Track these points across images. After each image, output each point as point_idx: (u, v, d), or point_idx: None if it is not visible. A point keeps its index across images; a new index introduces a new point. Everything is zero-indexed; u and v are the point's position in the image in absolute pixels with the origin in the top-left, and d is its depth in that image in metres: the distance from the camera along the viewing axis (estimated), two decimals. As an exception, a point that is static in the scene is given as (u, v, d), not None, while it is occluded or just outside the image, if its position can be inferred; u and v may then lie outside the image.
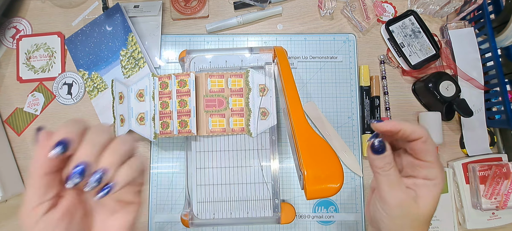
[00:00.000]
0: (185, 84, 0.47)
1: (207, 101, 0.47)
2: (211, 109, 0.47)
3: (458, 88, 0.52)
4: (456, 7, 0.56)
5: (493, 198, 0.50)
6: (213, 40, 0.58)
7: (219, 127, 0.47)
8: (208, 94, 0.47)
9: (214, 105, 0.47)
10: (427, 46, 0.56)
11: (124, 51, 0.55)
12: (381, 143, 0.26)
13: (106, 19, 0.56)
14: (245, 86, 0.48)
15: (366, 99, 0.55)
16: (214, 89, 0.48)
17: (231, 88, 0.47)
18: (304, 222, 0.54)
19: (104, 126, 0.24)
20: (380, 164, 0.27)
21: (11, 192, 0.52)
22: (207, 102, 0.47)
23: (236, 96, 0.47)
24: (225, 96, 0.47)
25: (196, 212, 0.49)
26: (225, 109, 0.47)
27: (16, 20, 0.59)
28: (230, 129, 0.48)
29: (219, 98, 0.47)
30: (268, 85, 0.48)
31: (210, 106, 0.47)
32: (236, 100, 0.47)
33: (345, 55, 0.57)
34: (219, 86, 0.47)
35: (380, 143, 0.26)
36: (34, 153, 0.22)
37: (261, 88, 0.47)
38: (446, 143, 0.56)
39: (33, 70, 0.57)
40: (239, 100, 0.47)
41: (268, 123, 0.48)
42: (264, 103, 0.48)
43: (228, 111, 0.47)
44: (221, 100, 0.47)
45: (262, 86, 0.47)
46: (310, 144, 0.37)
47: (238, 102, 0.47)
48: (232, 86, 0.47)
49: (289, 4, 0.59)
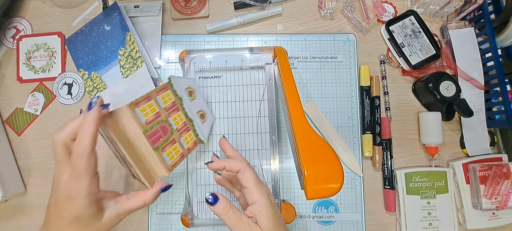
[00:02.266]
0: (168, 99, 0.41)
1: (150, 136, 0.36)
2: (160, 142, 0.37)
3: (458, 88, 0.52)
4: (456, 7, 0.56)
5: (494, 198, 0.50)
6: (213, 40, 0.58)
7: (177, 156, 0.39)
8: (147, 128, 0.36)
9: (160, 136, 0.37)
10: (427, 46, 0.56)
11: (123, 50, 0.55)
12: (213, 196, 0.32)
13: (104, 18, 0.56)
14: (175, 98, 0.41)
15: (366, 99, 0.55)
16: (150, 119, 0.37)
17: (165, 107, 0.39)
18: (304, 222, 0.54)
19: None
20: (219, 211, 0.33)
21: (11, 192, 0.52)
22: (151, 137, 0.36)
23: (174, 113, 0.40)
24: (164, 119, 0.39)
25: (196, 212, 0.49)
26: (171, 133, 0.39)
27: (16, 20, 0.59)
28: (186, 150, 0.41)
29: (161, 125, 0.38)
30: (192, 87, 0.44)
31: (156, 140, 0.37)
32: (175, 117, 0.40)
33: (345, 55, 0.57)
34: (153, 111, 0.37)
35: (211, 196, 0.32)
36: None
37: (189, 92, 0.43)
38: (446, 143, 0.56)
39: (33, 70, 0.57)
40: (178, 115, 0.41)
41: (209, 123, 0.45)
42: (197, 106, 0.44)
43: (175, 134, 0.40)
44: (164, 127, 0.38)
45: (190, 90, 0.43)
46: (310, 144, 0.37)
47: (179, 118, 0.41)
48: (164, 105, 0.39)
49: (289, 4, 0.59)
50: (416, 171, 0.53)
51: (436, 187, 0.53)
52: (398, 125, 0.56)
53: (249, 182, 0.35)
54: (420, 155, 0.56)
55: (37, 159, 0.55)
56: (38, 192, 0.55)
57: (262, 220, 0.33)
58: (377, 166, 0.54)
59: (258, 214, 0.34)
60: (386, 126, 0.55)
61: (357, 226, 0.54)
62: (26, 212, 0.54)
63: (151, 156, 0.36)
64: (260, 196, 0.34)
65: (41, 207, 0.54)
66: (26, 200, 0.55)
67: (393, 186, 0.54)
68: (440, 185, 0.53)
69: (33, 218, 0.54)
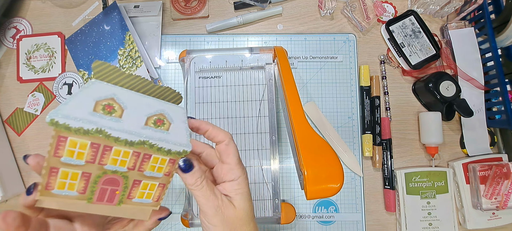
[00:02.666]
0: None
1: (100, 199, 0.25)
2: (119, 197, 0.26)
3: (458, 88, 0.52)
4: (456, 7, 0.56)
5: (494, 198, 0.50)
6: (213, 40, 0.58)
7: (156, 189, 0.28)
8: (86, 196, 0.25)
9: (113, 191, 0.26)
10: (427, 46, 0.56)
11: (122, 50, 0.55)
12: (187, 161, 0.28)
13: (104, 18, 0.56)
14: (89, 137, 0.23)
15: (366, 99, 0.55)
16: (81, 188, 0.24)
17: (87, 160, 0.24)
18: (304, 222, 0.54)
19: None
20: (191, 181, 0.28)
21: (11, 192, 0.52)
22: (102, 199, 0.26)
23: (106, 155, 0.24)
24: (100, 174, 0.25)
25: (196, 212, 0.49)
26: (126, 178, 0.26)
27: (16, 20, 0.59)
28: (163, 177, 0.28)
29: (102, 181, 0.25)
30: (103, 96, 0.25)
31: (111, 197, 0.26)
32: (113, 158, 0.25)
33: (345, 55, 0.57)
34: (74, 178, 0.24)
35: (185, 161, 0.28)
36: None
37: (106, 109, 0.24)
38: (446, 143, 0.56)
39: (33, 70, 0.57)
40: (115, 152, 0.24)
41: (177, 123, 0.28)
42: (136, 117, 0.26)
43: (132, 174, 0.26)
44: (108, 180, 0.25)
45: (104, 106, 0.24)
46: (310, 144, 0.37)
47: (121, 155, 0.25)
48: (83, 159, 0.24)
49: (289, 4, 0.59)
50: (416, 171, 0.53)
51: (436, 187, 0.53)
52: (398, 125, 0.56)
53: (232, 157, 0.31)
54: (420, 155, 0.56)
55: (37, 159, 0.55)
56: (38, 192, 0.55)
57: (238, 199, 0.30)
58: (377, 166, 0.54)
59: (235, 192, 0.30)
60: (386, 126, 0.55)
61: (357, 226, 0.54)
62: (26, 212, 0.54)
63: (121, 211, 0.27)
64: (241, 174, 0.31)
65: (41, 207, 0.54)
66: (26, 200, 0.55)
67: (393, 186, 0.54)
68: (440, 185, 0.53)
69: (33, 218, 0.54)
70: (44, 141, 0.56)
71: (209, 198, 0.29)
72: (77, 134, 0.22)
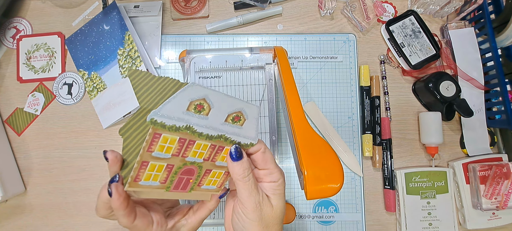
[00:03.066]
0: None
1: (176, 187, 0.30)
2: (191, 185, 0.31)
3: (458, 88, 0.52)
4: (456, 7, 0.56)
5: (494, 198, 0.50)
6: (213, 40, 0.58)
7: (221, 177, 0.32)
8: (166, 185, 0.29)
9: (188, 180, 0.30)
10: (427, 46, 0.56)
11: (122, 50, 0.55)
12: (238, 149, 0.29)
13: (103, 18, 0.56)
14: (179, 133, 0.27)
15: (366, 99, 0.55)
16: (163, 178, 0.28)
17: (173, 153, 0.27)
18: (304, 222, 0.54)
19: None
20: (239, 171, 0.29)
21: (11, 192, 0.52)
22: (178, 187, 0.30)
23: (189, 148, 0.28)
24: (181, 165, 0.28)
25: (196, 212, 0.49)
26: (200, 168, 0.30)
27: (16, 20, 0.59)
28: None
29: (181, 171, 0.29)
30: (197, 97, 0.27)
31: (185, 185, 0.30)
32: (195, 151, 0.28)
33: (345, 55, 0.57)
34: (160, 170, 0.27)
35: (237, 149, 0.29)
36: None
37: (197, 108, 0.27)
38: (446, 143, 0.56)
39: (33, 70, 0.57)
40: (197, 146, 0.28)
41: (251, 119, 0.30)
42: (219, 114, 0.28)
43: (206, 164, 0.30)
44: (186, 170, 0.29)
45: (195, 105, 0.27)
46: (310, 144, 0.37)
47: (201, 148, 0.28)
48: (170, 153, 0.27)
49: (289, 4, 0.59)
50: (416, 171, 0.53)
51: (436, 187, 0.53)
52: (398, 125, 0.56)
53: (270, 162, 0.31)
54: (420, 155, 0.56)
55: (37, 159, 0.55)
56: (38, 192, 0.55)
57: (276, 199, 0.31)
58: (377, 166, 0.54)
59: (273, 192, 0.31)
60: (386, 126, 0.55)
61: (357, 226, 0.54)
62: (26, 212, 0.54)
63: (190, 196, 0.31)
64: (280, 177, 0.32)
65: (41, 207, 0.54)
66: (26, 200, 0.55)
67: (393, 186, 0.54)
68: (440, 185, 0.53)
69: (33, 218, 0.54)
70: (44, 141, 0.56)
71: (252, 192, 0.29)
72: (169, 131, 0.25)
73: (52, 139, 0.56)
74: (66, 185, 0.55)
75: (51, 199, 0.55)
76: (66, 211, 0.54)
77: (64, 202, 0.55)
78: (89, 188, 0.55)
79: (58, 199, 0.55)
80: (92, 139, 0.56)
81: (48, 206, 0.54)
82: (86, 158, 0.55)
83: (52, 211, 0.54)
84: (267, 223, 0.31)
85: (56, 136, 0.56)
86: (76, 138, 0.56)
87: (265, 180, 0.32)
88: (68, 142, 0.56)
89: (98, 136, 0.56)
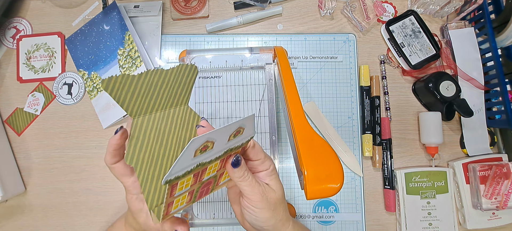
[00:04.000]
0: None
1: (199, 197, 0.34)
2: (211, 188, 0.35)
3: (458, 88, 0.52)
4: (456, 7, 0.56)
5: (494, 198, 0.50)
6: (213, 40, 0.58)
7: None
8: (194, 199, 0.33)
9: (207, 190, 0.34)
10: (427, 46, 0.56)
11: (122, 50, 0.55)
12: (238, 157, 0.32)
13: (103, 18, 0.56)
14: (192, 172, 0.29)
15: (366, 99, 0.55)
16: (187, 199, 0.32)
17: (191, 184, 0.30)
18: (304, 222, 0.54)
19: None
20: (239, 174, 0.33)
21: (11, 192, 0.52)
22: (200, 196, 0.34)
23: (204, 172, 0.31)
24: (199, 185, 0.32)
25: (196, 212, 0.49)
26: (215, 178, 0.33)
27: (16, 20, 0.59)
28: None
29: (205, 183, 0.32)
30: (203, 142, 0.27)
31: (206, 192, 0.34)
32: (208, 171, 0.31)
33: (345, 55, 0.57)
34: (183, 199, 0.31)
35: (237, 157, 0.32)
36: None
37: (203, 149, 0.27)
38: (446, 143, 0.56)
39: (33, 70, 0.57)
40: (210, 168, 0.31)
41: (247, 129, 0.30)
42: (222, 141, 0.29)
43: (219, 171, 0.33)
44: (207, 183, 0.33)
45: (202, 148, 0.27)
46: (310, 144, 0.37)
47: (213, 167, 0.31)
48: (187, 187, 0.30)
49: (289, 4, 0.59)
50: (416, 171, 0.53)
51: (436, 187, 0.53)
52: (398, 124, 0.56)
53: (260, 152, 0.35)
54: (420, 155, 0.56)
55: (37, 159, 0.55)
56: (38, 192, 0.55)
57: (274, 183, 0.35)
58: (377, 166, 0.54)
59: (269, 178, 0.35)
60: (386, 125, 0.55)
61: (357, 226, 0.54)
62: (26, 212, 0.54)
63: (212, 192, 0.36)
64: (271, 162, 0.36)
65: (41, 207, 0.54)
66: (26, 200, 0.55)
67: (393, 186, 0.54)
68: (440, 185, 0.53)
69: (33, 218, 0.54)
70: (44, 141, 0.56)
71: (255, 186, 0.33)
72: (184, 176, 0.27)
73: (52, 139, 0.56)
74: (66, 185, 0.55)
75: (51, 199, 0.55)
76: (66, 211, 0.54)
77: (64, 202, 0.55)
78: (89, 188, 0.55)
79: (58, 199, 0.55)
80: (92, 139, 0.56)
81: (48, 206, 0.54)
82: (86, 158, 0.55)
83: (52, 211, 0.54)
84: (275, 206, 0.34)
85: (56, 136, 0.56)
86: (76, 138, 0.56)
87: (260, 169, 0.35)
88: (68, 142, 0.56)
89: (98, 136, 0.56)
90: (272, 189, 0.35)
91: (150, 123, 0.31)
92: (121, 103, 0.29)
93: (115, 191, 0.54)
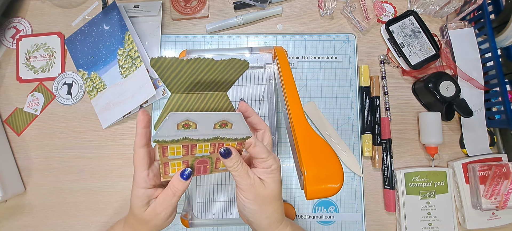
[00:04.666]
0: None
1: (197, 172, 0.37)
2: (210, 169, 0.38)
3: (458, 88, 0.52)
4: (456, 7, 0.56)
5: (493, 198, 0.50)
6: (213, 40, 0.58)
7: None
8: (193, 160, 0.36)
9: (205, 169, 0.38)
10: (427, 46, 0.56)
11: (121, 50, 0.55)
12: (226, 150, 0.35)
13: (103, 18, 0.56)
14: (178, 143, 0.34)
15: (366, 99, 0.55)
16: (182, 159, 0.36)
17: (183, 153, 0.35)
18: (304, 222, 0.54)
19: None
20: (230, 164, 0.35)
21: (11, 192, 0.52)
22: (199, 171, 0.37)
23: (194, 148, 0.35)
24: (193, 158, 0.36)
25: (196, 212, 0.49)
26: (210, 158, 0.37)
27: (16, 20, 0.58)
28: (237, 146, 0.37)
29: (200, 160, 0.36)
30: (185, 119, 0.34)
31: (205, 170, 0.38)
32: (200, 148, 0.35)
33: (345, 55, 0.57)
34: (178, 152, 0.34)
35: (225, 149, 0.35)
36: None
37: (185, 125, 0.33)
38: (446, 143, 0.56)
39: (33, 70, 0.57)
40: (200, 146, 0.35)
41: (237, 123, 0.35)
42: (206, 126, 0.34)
43: (214, 155, 0.36)
44: (202, 160, 0.36)
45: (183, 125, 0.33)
46: (310, 144, 0.37)
47: (203, 147, 0.35)
48: (177, 155, 0.34)
49: (289, 4, 0.59)
50: (416, 171, 0.53)
51: (436, 187, 0.53)
52: (398, 125, 0.56)
53: (262, 152, 0.36)
54: (420, 155, 0.56)
55: (37, 159, 0.55)
56: (38, 192, 0.55)
57: (268, 182, 0.36)
58: (377, 166, 0.54)
59: (266, 176, 0.36)
60: (386, 126, 0.55)
61: (357, 226, 0.54)
62: (26, 212, 0.54)
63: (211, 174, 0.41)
64: (273, 163, 0.36)
65: (41, 207, 0.54)
66: (26, 200, 0.55)
67: (393, 186, 0.54)
68: (440, 185, 0.53)
69: (33, 218, 0.54)
70: (44, 141, 0.56)
71: (243, 177, 0.35)
72: (172, 143, 0.32)
73: (52, 139, 0.56)
74: (66, 185, 0.55)
75: (51, 199, 0.55)
76: (66, 211, 0.54)
77: (64, 202, 0.55)
78: (89, 188, 0.55)
79: (58, 199, 0.55)
80: (92, 139, 0.56)
81: (48, 206, 0.54)
82: (86, 158, 0.55)
83: (52, 211, 0.54)
84: (264, 200, 0.36)
85: (56, 136, 0.56)
86: (76, 138, 0.56)
87: (259, 166, 0.37)
88: (68, 142, 0.56)
89: (98, 136, 0.56)
90: (263, 185, 0.36)
91: (185, 100, 0.34)
92: (164, 80, 0.32)
93: (114, 191, 0.54)
